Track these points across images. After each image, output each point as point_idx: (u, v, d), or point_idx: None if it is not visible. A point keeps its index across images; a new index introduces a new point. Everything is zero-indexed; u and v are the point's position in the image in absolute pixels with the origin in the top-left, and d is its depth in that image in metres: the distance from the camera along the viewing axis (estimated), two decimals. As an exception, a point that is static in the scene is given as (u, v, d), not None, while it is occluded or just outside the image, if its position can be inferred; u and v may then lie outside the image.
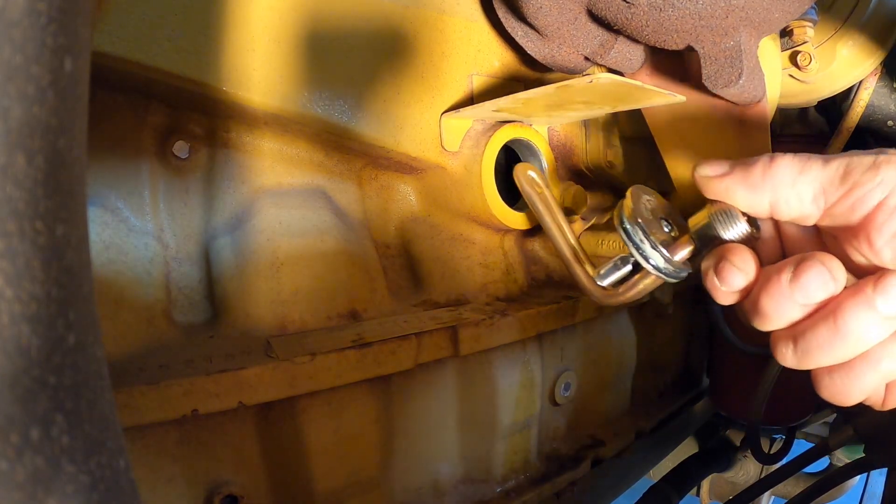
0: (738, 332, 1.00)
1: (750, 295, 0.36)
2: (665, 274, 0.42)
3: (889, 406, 0.36)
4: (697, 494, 1.44)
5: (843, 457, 1.31)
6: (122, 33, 0.45)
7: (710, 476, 1.39)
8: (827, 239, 0.37)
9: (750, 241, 0.38)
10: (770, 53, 0.73)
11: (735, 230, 0.38)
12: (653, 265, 0.41)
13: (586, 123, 0.80)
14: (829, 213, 0.34)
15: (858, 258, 0.34)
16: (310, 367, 0.51)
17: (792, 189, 0.34)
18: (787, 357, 0.35)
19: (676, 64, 0.66)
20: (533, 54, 0.66)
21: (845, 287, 0.33)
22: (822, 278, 0.32)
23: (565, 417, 0.84)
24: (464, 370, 0.68)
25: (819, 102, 0.93)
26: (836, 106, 0.93)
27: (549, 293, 0.77)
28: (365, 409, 0.59)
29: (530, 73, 0.74)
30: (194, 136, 0.56)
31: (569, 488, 0.79)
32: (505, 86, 0.71)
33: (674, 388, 1.13)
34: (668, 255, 0.41)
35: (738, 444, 1.39)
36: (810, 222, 0.36)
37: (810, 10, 0.79)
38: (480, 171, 0.66)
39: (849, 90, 0.88)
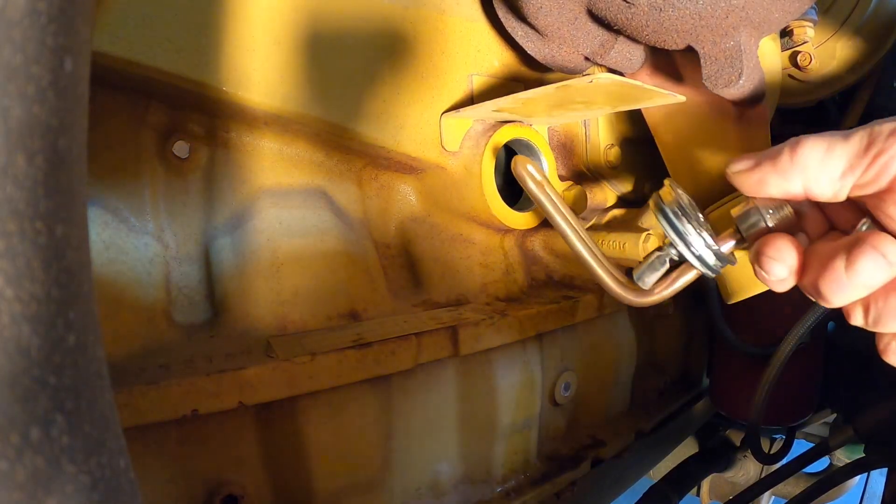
0: (738, 333, 1.00)
1: (807, 279, 0.36)
2: (709, 267, 0.40)
3: None
4: (697, 494, 1.44)
5: (843, 457, 1.31)
6: (122, 33, 0.45)
7: (710, 476, 1.39)
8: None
9: (792, 226, 0.38)
10: (770, 53, 0.73)
11: (775, 218, 0.37)
12: (697, 256, 0.39)
13: (586, 123, 0.80)
14: (858, 185, 0.34)
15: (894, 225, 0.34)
16: (310, 367, 0.51)
17: (821, 169, 0.34)
18: (857, 320, 0.35)
19: (676, 64, 0.66)
20: (533, 54, 0.66)
21: None
22: (877, 263, 0.32)
23: (565, 417, 0.84)
24: (464, 370, 0.68)
25: (819, 102, 0.93)
26: (836, 106, 0.93)
27: (549, 293, 0.77)
28: (365, 409, 0.59)
29: (530, 73, 0.74)
30: (194, 136, 0.56)
31: (569, 488, 0.79)
32: (505, 86, 0.71)
33: (674, 388, 1.13)
34: (716, 246, 0.39)
35: (738, 444, 1.39)
36: (843, 197, 0.36)
37: (810, 10, 0.79)
38: (480, 171, 0.66)
39: (849, 90, 0.88)
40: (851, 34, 0.82)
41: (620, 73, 0.68)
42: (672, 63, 0.67)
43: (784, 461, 1.08)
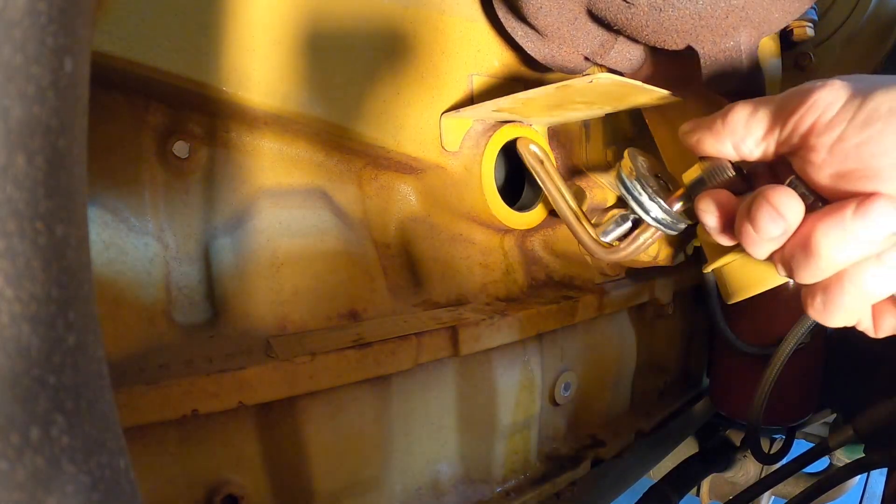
0: (738, 332, 1.00)
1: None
2: (663, 225, 0.45)
3: (882, 333, 0.37)
4: (697, 494, 1.44)
5: (843, 457, 1.31)
6: (122, 33, 0.45)
7: (710, 476, 1.39)
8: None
9: (733, 185, 0.40)
10: (770, 53, 0.73)
11: (715, 179, 0.40)
12: (652, 217, 0.45)
13: (586, 123, 0.80)
14: (780, 143, 0.36)
15: (814, 181, 0.34)
16: (310, 367, 0.51)
17: (746, 130, 0.36)
18: (782, 273, 0.37)
19: (676, 64, 0.66)
20: (533, 54, 0.66)
21: (828, 206, 0.33)
22: (770, 215, 0.33)
23: (565, 417, 0.84)
24: (464, 370, 0.68)
25: (819, 102, 0.93)
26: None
27: (549, 293, 0.77)
28: (365, 409, 0.59)
29: (530, 73, 0.74)
30: (194, 136, 0.56)
31: (569, 488, 0.79)
32: (505, 86, 0.71)
33: (674, 388, 1.13)
34: (665, 206, 0.44)
35: (738, 444, 1.39)
36: (771, 157, 0.37)
37: (810, 10, 0.79)
38: (480, 171, 0.66)
39: (849, 90, 0.88)
40: (851, 34, 0.82)
41: (620, 73, 0.68)
42: (672, 63, 0.67)
43: (784, 461, 1.08)
